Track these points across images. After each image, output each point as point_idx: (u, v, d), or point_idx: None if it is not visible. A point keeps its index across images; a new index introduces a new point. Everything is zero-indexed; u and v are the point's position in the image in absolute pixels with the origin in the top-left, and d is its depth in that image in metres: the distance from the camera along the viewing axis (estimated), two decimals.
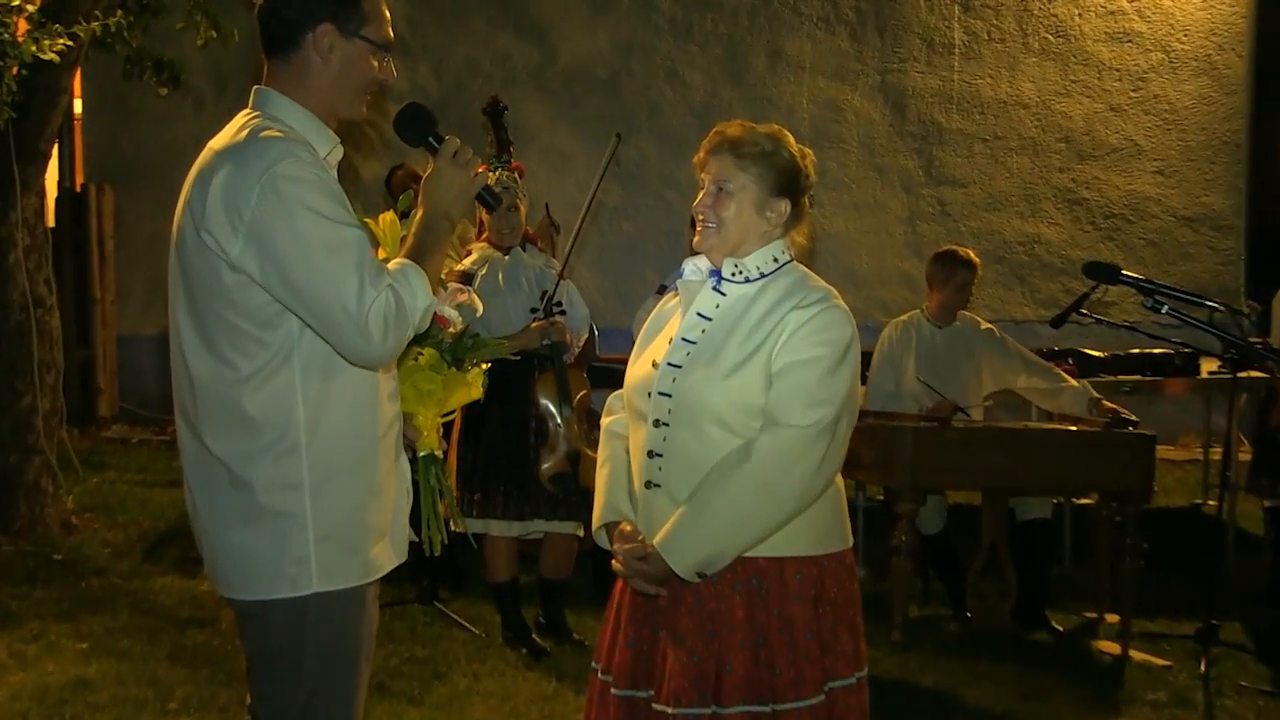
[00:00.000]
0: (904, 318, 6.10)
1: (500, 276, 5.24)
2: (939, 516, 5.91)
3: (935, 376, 5.83)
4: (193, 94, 9.55)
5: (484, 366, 2.91)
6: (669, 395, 2.80)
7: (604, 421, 3.07)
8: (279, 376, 2.41)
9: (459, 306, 2.84)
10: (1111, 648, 5.42)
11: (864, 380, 5.95)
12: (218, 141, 2.48)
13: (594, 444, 4.53)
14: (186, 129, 10.15)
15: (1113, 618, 5.61)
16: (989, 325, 6.11)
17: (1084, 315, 5.21)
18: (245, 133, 2.43)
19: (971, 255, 5.98)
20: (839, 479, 2.86)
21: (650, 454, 2.82)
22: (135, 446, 9.50)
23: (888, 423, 5.47)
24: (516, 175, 5.31)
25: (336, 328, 2.34)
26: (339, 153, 2.60)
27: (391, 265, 2.46)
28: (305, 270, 2.32)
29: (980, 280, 6.11)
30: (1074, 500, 6.71)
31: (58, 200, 10.34)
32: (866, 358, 5.74)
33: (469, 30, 10.24)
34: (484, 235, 5.38)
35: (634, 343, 3.06)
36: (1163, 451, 7.41)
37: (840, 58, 9.97)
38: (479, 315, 3.07)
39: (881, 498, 6.72)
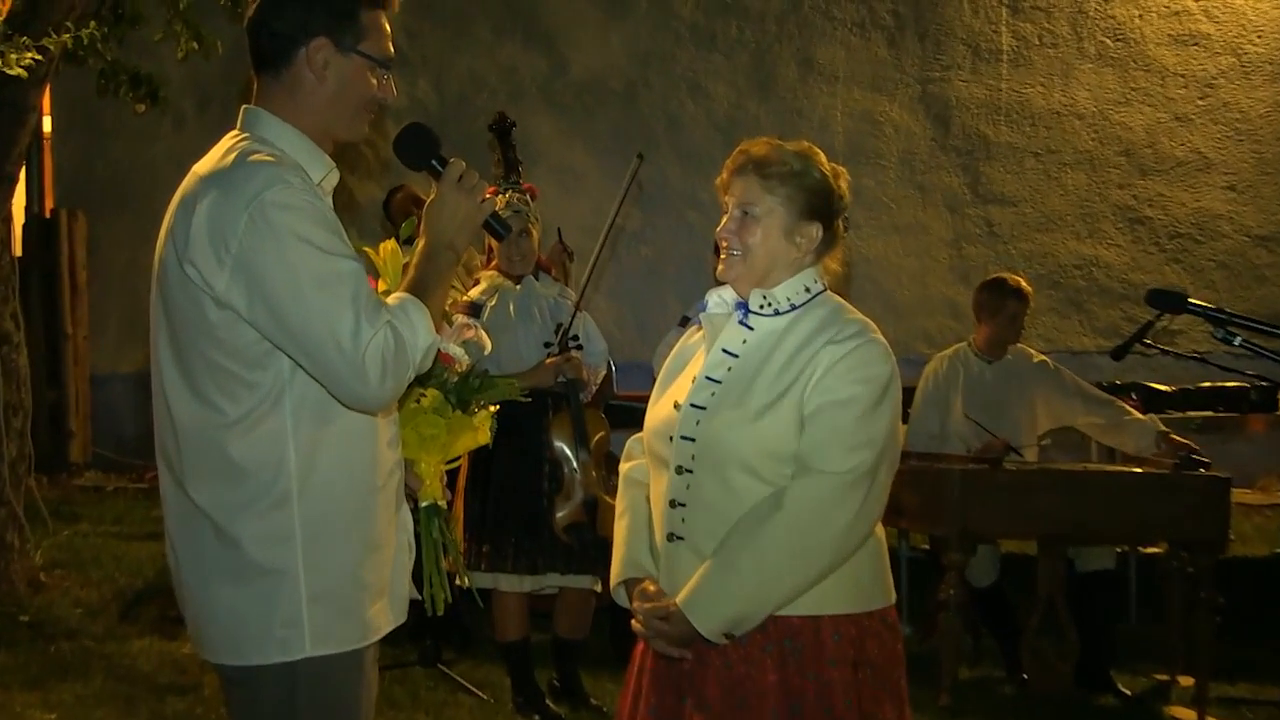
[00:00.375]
0: (950, 351, 6.10)
1: (511, 308, 5.26)
2: (991, 568, 5.90)
3: (985, 414, 5.83)
4: (172, 111, 9.62)
5: (492, 409, 2.92)
6: (692, 439, 2.81)
7: (623, 468, 3.08)
8: (268, 421, 2.43)
9: (465, 343, 2.85)
10: (1186, 714, 5.39)
11: (905, 419, 5.94)
12: (202, 165, 2.51)
13: (613, 490, 4.52)
14: (165, 149, 10.25)
15: (1186, 680, 5.58)
16: (1043, 357, 6.10)
17: (1148, 346, 5.20)
18: (232, 156, 2.45)
19: (1022, 283, 5.99)
20: (880, 528, 2.86)
21: (672, 504, 2.83)
22: (110, 495, 9.52)
23: (933, 465, 5.47)
24: (528, 198, 5.33)
25: (331, 369, 2.36)
26: (334, 178, 2.62)
27: (390, 300, 2.48)
28: (296, 306, 2.34)
29: (1033, 308, 6.11)
30: (1141, 549, 6.68)
31: (25, 227, 10.41)
32: (908, 395, 5.74)
33: (472, 40, 10.31)
34: (493, 263, 5.41)
35: (655, 379, 3.07)
36: (1239, 495, 7.36)
37: (877, 66, 10.00)
38: (487, 352, 3.09)
39: (927, 548, 6.70)
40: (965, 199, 9.92)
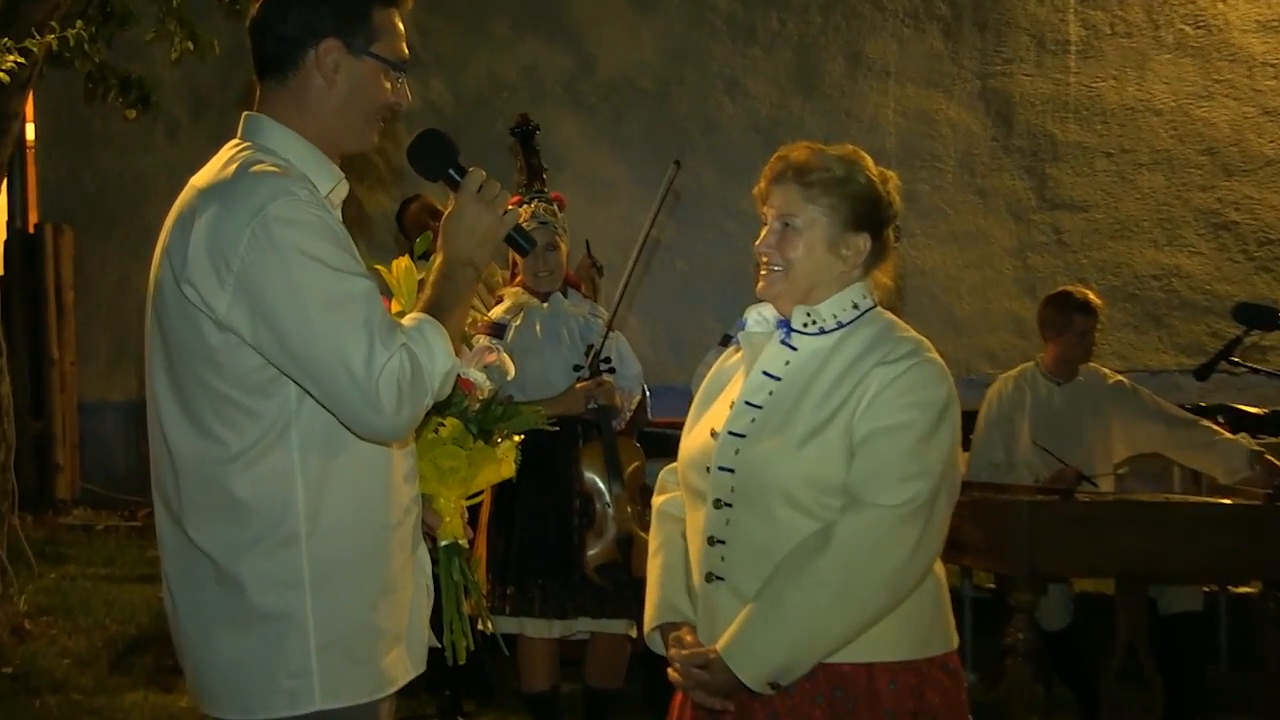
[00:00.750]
0: (1015, 372, 6.09)
1: (538, 328, 5.27)
2: (1064, 609, 5.87)
3: (1055, 441, 5.82)
4: (166, 118, 9.74)
5: (517, 438, 2.94)
6: (731, 470, 2.82)
7: (656, 502, 3.10)
8: (274, 454, 2.45)
9: (487, 368, 2.88)
10: None
11: (966, 446, 5.94)
12: (201, 178, 2.53)
13: (648, 526, 4.54)
14: (159, 159, 10.35)
15: None
16: (1119, 377, 6.09)
17: (1235, 364, 5.20)
18: (233, 167, 2.48)
19: (1091, 296, 5.98)
20: (939, 566, 2.86)
21: (711, 540, 2.84)
22: (100, 535, 9.57)
23: (998, 497, 5.45)
24: (555, 208, 5.35)
25: (342, 397, 2.38)
26: (343, 190, 2.65)
27: (406, 321, 2.50)
28: (304, 329, 2.36)
29: (1106, 323, 6.11)
30: (1231, 589, 6.64)
31: (7, 243, 10.52)
32: (969, 419, 5.73)
33: (490, 37, 10.36)
34: (517, 279, 5.43)
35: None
36: None
37: (932, 60, 10.01)
38: (510, 377, 3.11)
39: (992, 587, 6.68)
40: (1030, 204, 9.90)
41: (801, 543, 2.73)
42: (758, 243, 2.91)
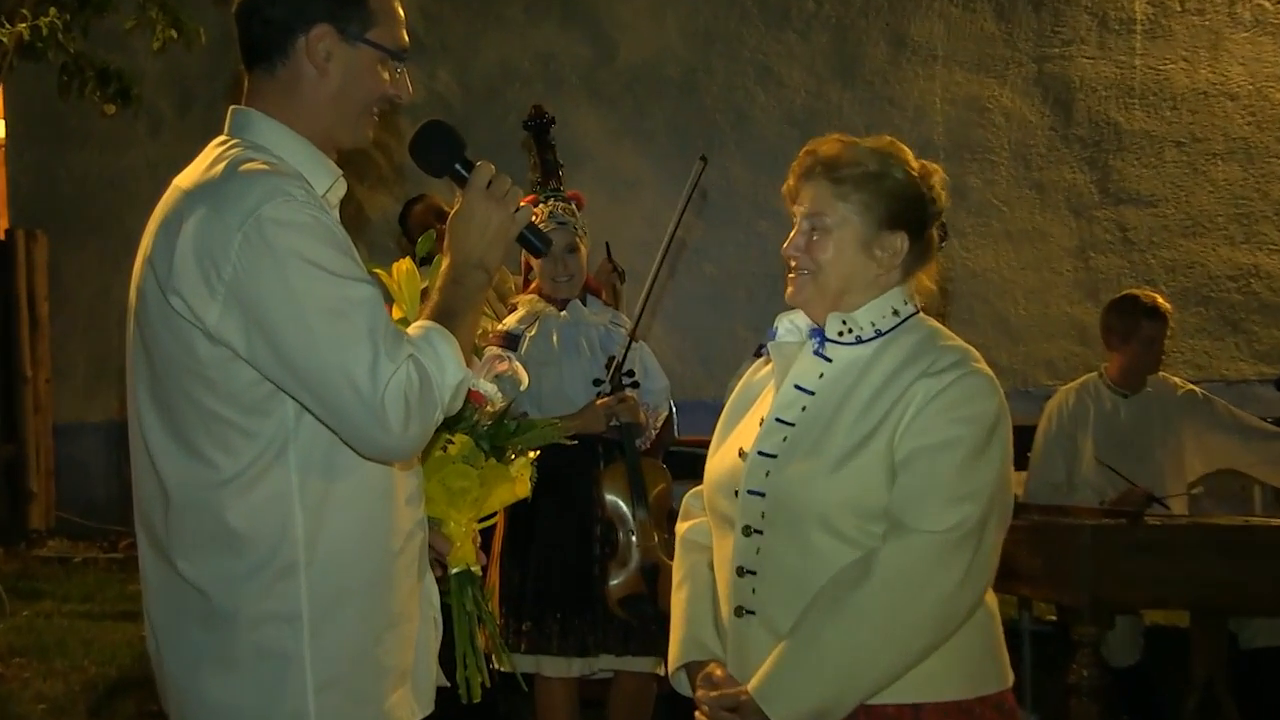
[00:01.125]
0: (1076, 384, 6.09)
1: (555, 338, 5.28)
2: (1132, 644, 5.87)
3: (1121, 458, 5.81)
4: (148, 113, 9.80)
5: (532, 455, 2.96)
6: (761, 494, 2.83)
7: (679, 529, 3.11)
8: (270, 477, 2.47)
9: (498, 379, 2.90)
10: None
11: (1024, 465, 5.94)
12: (186, 178, 2.56)
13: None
14: (140, 158, 10.41)
15: None
16: (1191, 387, 6.08)
17: None
18: (222, 166, 2.50)
19: (1159, 301, 5.98)
20: (991, 597, 2.87)
21: (740, 571, 2.85)
22: (78, 568, 9.58)
23: (1059, 520, 5.45)
24: (573, 206, 5.37)
25: (345, 413, 2.39)
26: (341, 188, 2.67)
27: (412, 330, 2.52)
28: (303, 340, 2.38)
29: (1177, 329, 6.11)
30: None
31: None
32: (1026, 435, 5.73)
33: (501, 22, 10.39)
34: (533, 286, 5.44)
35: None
36: None
37: (984, 42, 10.01)
38: (523, 388, 3.12)
39: (1053, 620, 6.67)
40: (1092, 199, 9.89)
41: (840, 572, 2.74)
42: (785, 244, 2.92)
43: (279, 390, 2.44)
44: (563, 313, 5.33)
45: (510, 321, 5.34)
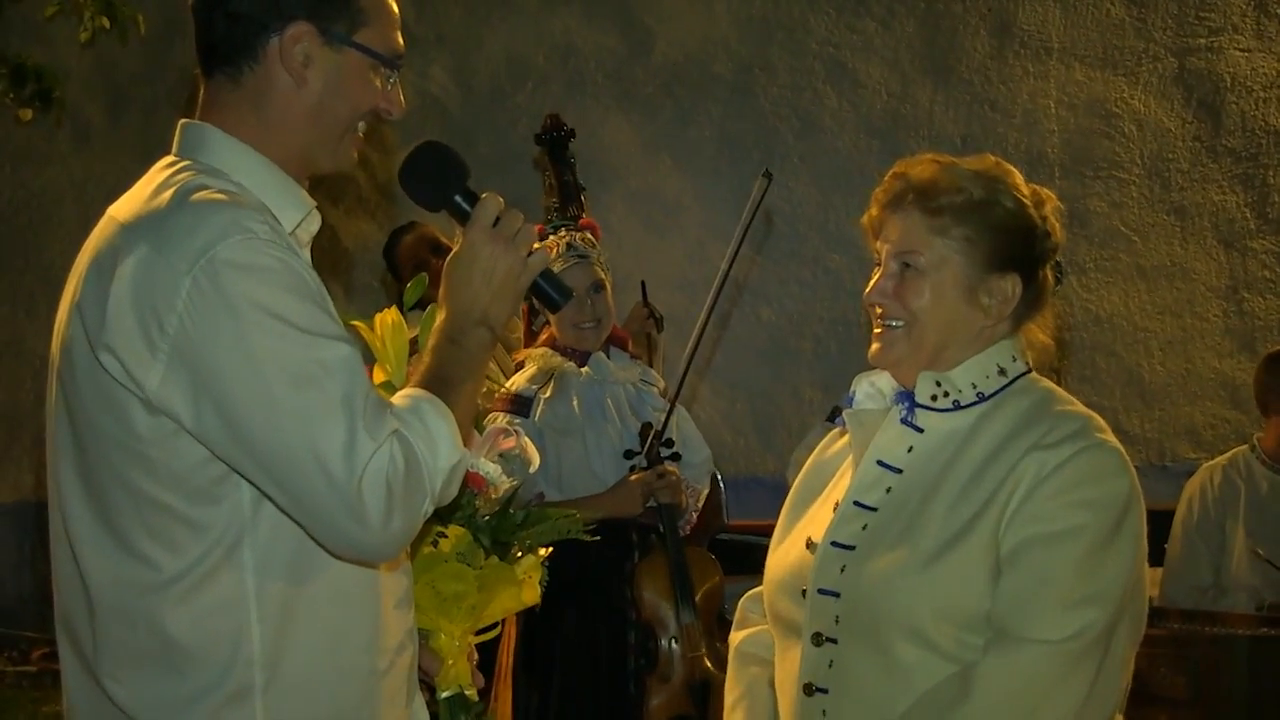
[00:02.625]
0: (1223, 460, 6.09)
1: (575, 402, 5.29)
2: None
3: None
4: (73, 120, 9.86)
5: (543, 552, 2.96)
6: (836, 594, 2.85)
7: (734, 639, 3.12)
8: (220, 579, 2.47)
9: (502, 457, 2.90)
10: None
11: (1159, 560, 5.93)
12: (124, 208, 2.57)
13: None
14: (62, 174, 10.46)
15: None
16: None
17: None
18: (169, 194, 2.50)
19: None
20: None
21: (809, 689, 2.86)
22: None
23: (1206, 630, 5.44)
24: (590, 238, 5.38)
25: (313, 503, 2.39)
26: (314, 223, 2.70)
27: (398, 400, 2.52)
28: (263, 412, 2.38)
29: None
30: None
31: None
32: (1160, 521, 5.72)
33: (510, 7, 10.40)
34: (545, 335, 5.45)
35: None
36: None
37: (1110, 32, 10.02)
38: (533, 469, 3.12)
39: None
40: (1247, 226, 9.88)
41: (931, 693, 2.74)
42: (869, 290, 2.94)
43: (233, 472, 2.45)
44: (584, 369, 5.34)
45: (519, 381, 5.33)
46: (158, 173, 2.60)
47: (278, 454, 2.38)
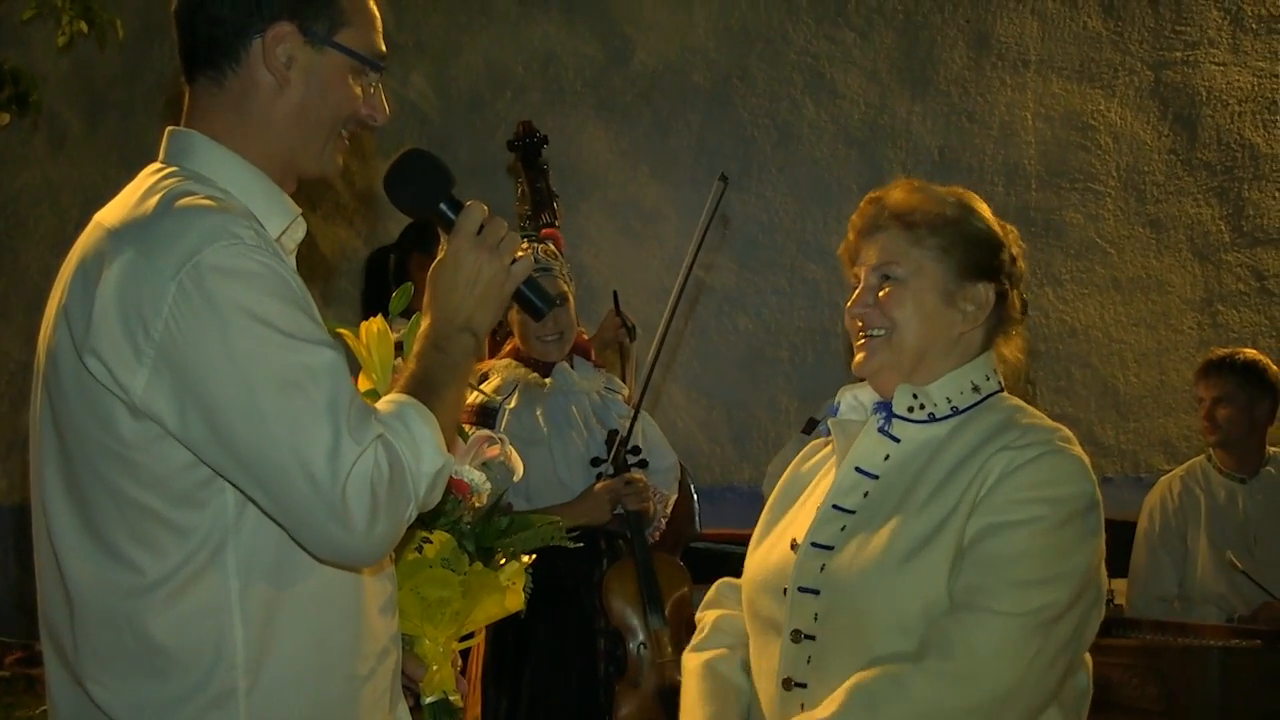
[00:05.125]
0: (1180, 471, 6.15)
1: (539, 412, 5.31)
2: None
3: (1246, 562, 5.84)
4: (50, 123, 9.84)
5: (526, 560, 2.97)
6: (815, 592, 2.89)
7: (703, 618, 3.14)
8: (204, 582, 2.48)
9: (486, 465, 2.92)
10: None
11: (1123, 574, 5.96)
12: (111, 213, 2.58)
13: None
14: (39, 178, 10.43)
15: None
16: None
17: None
18: (155, 200, 2.52)
19: (1260, 359, 6.05)
20: None
21: (788, 684, 2.90)
22: None
23: (1177, 641, 5.46)
24: (553, 249, 5.40)
25: (297, 507, 2.40)
26: (300, 230, 2.72)
27: (382, 406, 2.54)
28: (249, 417, 2.39)
29: None
30: None
31: None
32: (1130, 531, 5.75)
33: (490, 15, 10.40)
34: (509, 345, 5.46)
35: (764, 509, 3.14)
36: None
37: (1088, 44, 10.03)
38: (518, 477, 3.14)
39: None
40: (1222, 239, 9.90)
41: (879, 676, 2.79)
42: (850, 304, 2.98)
43: (218, 476, 2.46)
44: (548, 380, 5.37)
45: (487, 390, 5.33)
46: (144, 179, 2.62)
47: (263, 458, 2.39)
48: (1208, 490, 6.07)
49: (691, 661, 3.15)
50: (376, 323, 2.85)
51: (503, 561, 2.94)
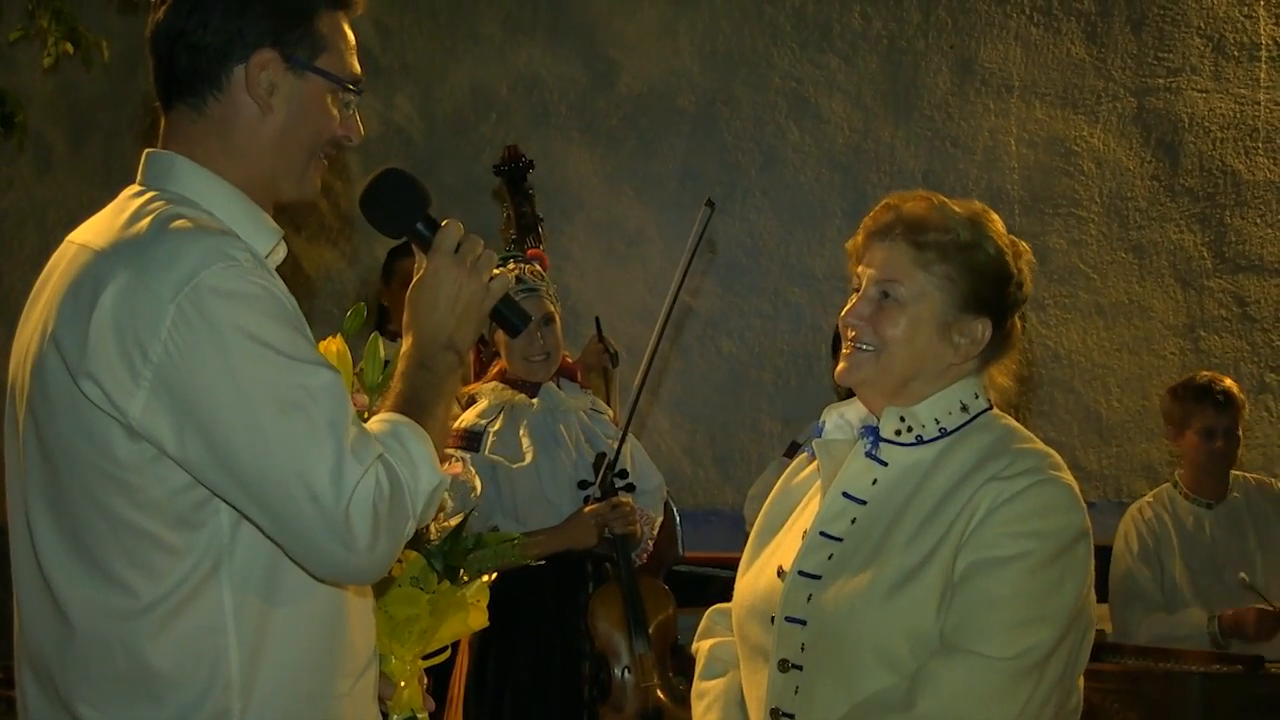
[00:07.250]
0: (1148, 498, 6.17)
1: (524, 432, 5.30)
2: None
3: (1215, 585, 5.86)
4: (35, 144, 9.82)
5: (486, 579, 2.97)
6: (803, 622, 2.87)
7: (701, 646, 3.14)
8: (199, 603, 2.48)
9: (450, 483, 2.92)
10: None
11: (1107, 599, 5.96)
12: (97, 235, 2.58)
13: (682, 698, 4.55)
14: (24, 199, 10.40)
15: None
16: None
17: None
18: (146, 222, 2.52)
19: (1225, 384, 6.07)
20: None
21: (775, 714, 2.88)
22: None
23: (1159, 666, 5.45)
24: (539, 270, 5.40)
25: (301, 527, 2.41)
26: (281, 252, 2.71)
27: (375, 425, 2.55)
28: (250, 438, 2.39)
29: None
30: None
31: None
32: (1100, 555, 5.77)
33: (475, 38, 10.41)
34: (496, 368, 5.45)
35: (748, 533, 3.12)
36: None
37: (1071, 70, 10.05)
38: (476, 494, 3.14)
39: None
40: (1204, 265, 9.91)
41: (877, 693, 2.77)
42: (845, 311, 2.96)
43: (214, 497, 2.45)
44: (534, 401, 5.36)
45: (469, 417, 5.34)
46: (127, 201, 2.61)
47: (265, 479, 2.40)
48: (1175, 516, 6.10)
49: (705, 689, 3.15)
50: (335, 343, 2.86)
51: (466, 580, 2.94)
